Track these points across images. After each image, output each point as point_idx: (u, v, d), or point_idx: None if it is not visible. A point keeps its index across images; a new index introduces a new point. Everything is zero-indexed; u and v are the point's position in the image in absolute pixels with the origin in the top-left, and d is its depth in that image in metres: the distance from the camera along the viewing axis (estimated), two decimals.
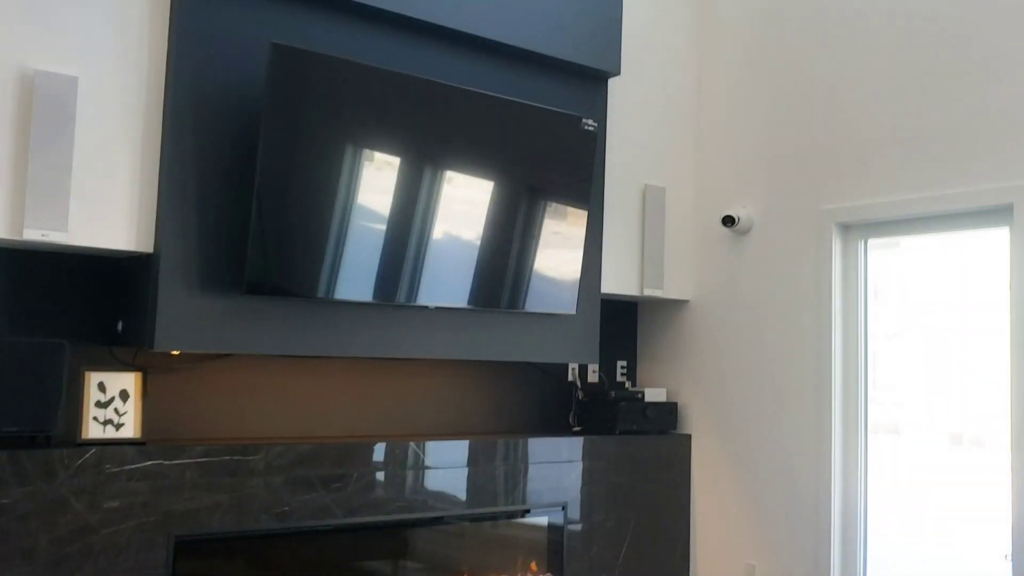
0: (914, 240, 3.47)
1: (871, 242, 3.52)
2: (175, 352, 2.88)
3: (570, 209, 3.41)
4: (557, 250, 3.39)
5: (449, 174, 3.11)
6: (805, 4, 3.72)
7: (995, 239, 3.16)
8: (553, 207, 3.37)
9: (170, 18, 2.78)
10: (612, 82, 3.76)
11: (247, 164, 2.79)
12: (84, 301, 2.89)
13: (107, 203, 2.67)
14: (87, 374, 2.76)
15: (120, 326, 2.90)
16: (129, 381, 2.82)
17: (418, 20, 3.13)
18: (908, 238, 3.46)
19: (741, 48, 3.95)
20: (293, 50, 2.76)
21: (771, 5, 3.85)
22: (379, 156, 2.96)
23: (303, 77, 2.79)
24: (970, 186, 3.13)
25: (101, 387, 2.77)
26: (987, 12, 3.13)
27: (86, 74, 2.64)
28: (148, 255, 2.76)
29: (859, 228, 3.51)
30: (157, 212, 2.74)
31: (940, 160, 3.21)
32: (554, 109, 3.34)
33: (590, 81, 3.62)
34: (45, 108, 2.56)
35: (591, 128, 3.43)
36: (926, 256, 3.54)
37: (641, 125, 3.91)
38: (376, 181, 2.96)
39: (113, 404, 2.77)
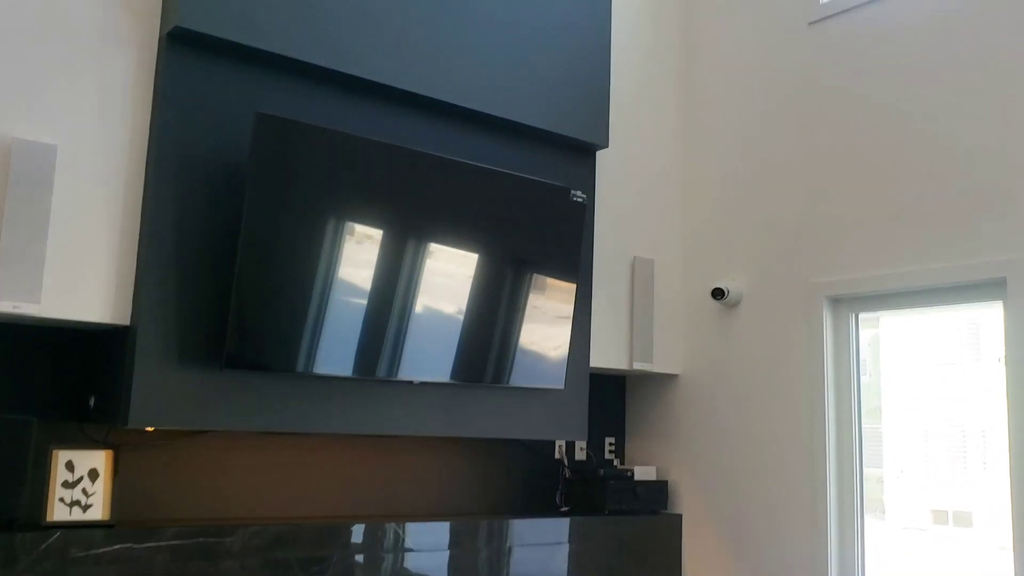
0: (899, 314, 3.42)
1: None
2: (149, 429, 2.77)
3: (558, 281, 3.35)
4: (544, 323, 3.32)
5: (434, 246, 3.05)
6: (793, 80, 3.73)
7: (986, 312, 3.12)
8: (540, 279, 3.31)
9: (154, 86, 2.74)
10: (600, 154, 3.75)
11: (228, 235, 2.73)
12: (54, 375, 2.79)
13: (83, 274, 2.59)
14: (55, 452, 2.64)
15: (92, 401, 2.79)
16: (99, 460, 2.70)
17: (405, 91, 3.11)
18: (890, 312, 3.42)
19: (728, 121, 3.96)
20: (278, 120, 2.72)
21: (759, 79, 3.86)
22: (363, 228, 2.90)
23: (288, 147, 2.74)
24: (962, 260, 3.10)
25: (69, 466, 2.65)
26: (976, 88, 3.14)
27: (66, 142, 2.59)
28: (124, 327, 2.67)
29: (850, 302, 3.47)
30: (135, 283, 2.66)
31: (931, 233, 3.19)
32: (542, 180, 3.31)
33: (578, 153, 3.60)
34: (21, 177, 2.49)
35: (580, 200, 3.40)
36: (902, 327, 3.49)
37: (629, 197, 3.89)
38: (359, 253, 2.89)
39: (81, 484, 2.65)
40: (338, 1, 2.96)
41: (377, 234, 2.93)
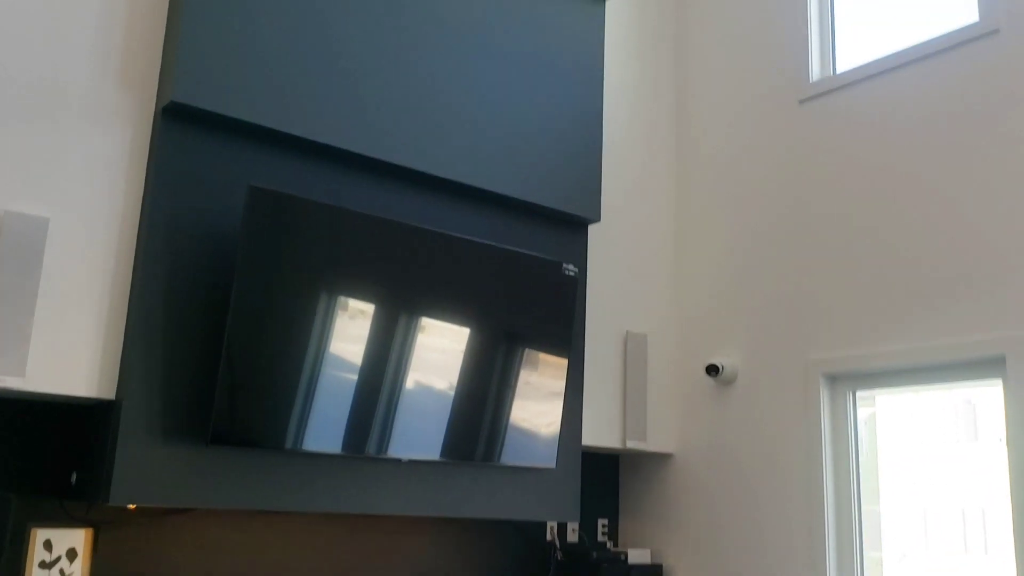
0: (896, 392, 3.39)
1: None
2: (131, 506, 2.70)
3: (550, 357, 3.32)
4: (536, 399, 3.27)
5: (425, 321, 3.03)
6: (785, 157, 3.76)
7: (985, 390, 3.09)
8: (532, 355, 3.28)
9: (148, 159, 2.74)
10: (592, 228, 3.75)
11: (217, 309, 2.71)
12: (35, 450, 2.73)
13: (70, 348, 2.55)
14: (33, 531, 2.57)
15: (74, 477, 2.73)
16: (78, 539, 2.62)
17: (397, 166, 3.12)
18: (889, 391, 3.38)
19: (722, 197, 3.98)
20: (271, 193, 2.72)
21: (752, 156, 3.89)
22: (354, 303, 2.88)
23: (280, 221, 2.74)
24: (960, 337, 3.08)
25: (47, 545, 2.57)
26: (970, 163, 3.16)
27: (58, 215, 2.58)
28: (109, 402, 2.62)
29: (847, 380, 3.44)
30: (122, 357, 2.62)
31: (928, 310, 3.18)
32: (534, 254, 3.31)
33: (570, 227, 3.61)
34: (12, 250, 2.47)
35: (572, 274, 3.39)
36: (900, 405, 3.45)
37: (622, 271, 3.88)
38: (350, 328, 2.86)
39: (59, 565, 2.57)
40: (331, 77, 2.99)
41: (368, 308, 2.91)
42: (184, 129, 2.75)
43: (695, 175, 4.12)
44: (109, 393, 2.60)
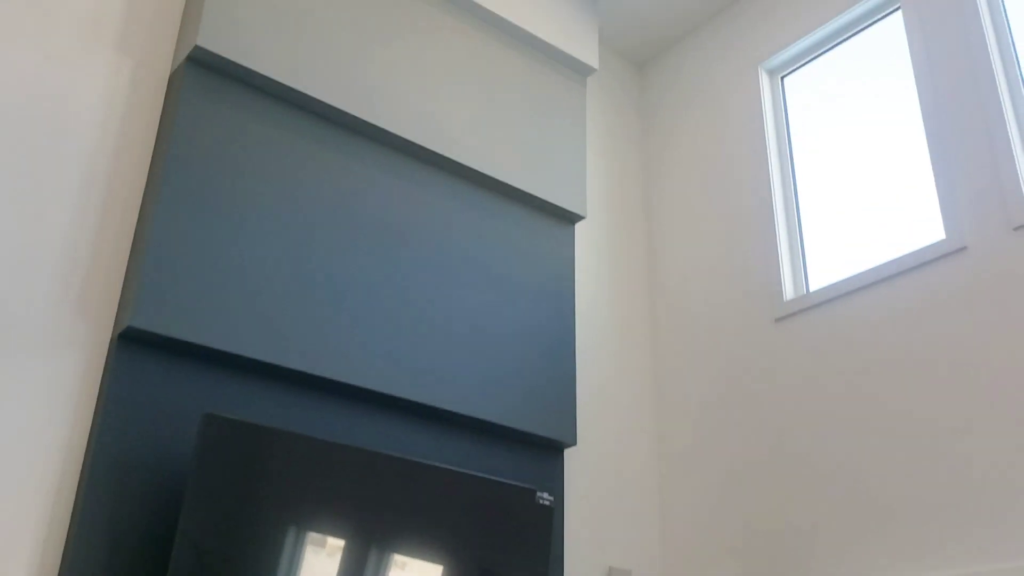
0: None
1: None
2: None
3: None
4: None
5: (395, 556, 2.82)
6: (762, 377, 3.69)
7: None
8: None
9: (100, 387, 2.65)
10: (569, 453, 3.61)
11: (165, 545, 2.52)
12: None
13: None
14: None
15: None
16: None
17: (363, 389, 3.03)
18: None
19: (701, 417, 3.86)
20: (228, 420, 2.61)
21: (729, 374, 3.82)
22: (317, 535, 2.69)
23: (237, 449, 2.60)
24: (950, 571, 2.88)
25: None
26: (949, 381, 3.08)
27: None
28: None
29: None
30: None
31: (915, 539, 2.99)
32: (506, 481, 3.14)
33: (545, 452, 3.47)
34: None
35: (546, 503, 3.21)
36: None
37: (602, 500, 3.70)
38: (315, 567, 2.66)
39: None
40: (295, 300, 2.96)
41: (335, 544, 2.72)
42: (139, 355, 2.68)
43: (673, 397, 4.02)
44: None
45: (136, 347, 2.67)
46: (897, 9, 3.73)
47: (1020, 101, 3.19)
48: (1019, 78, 3.23)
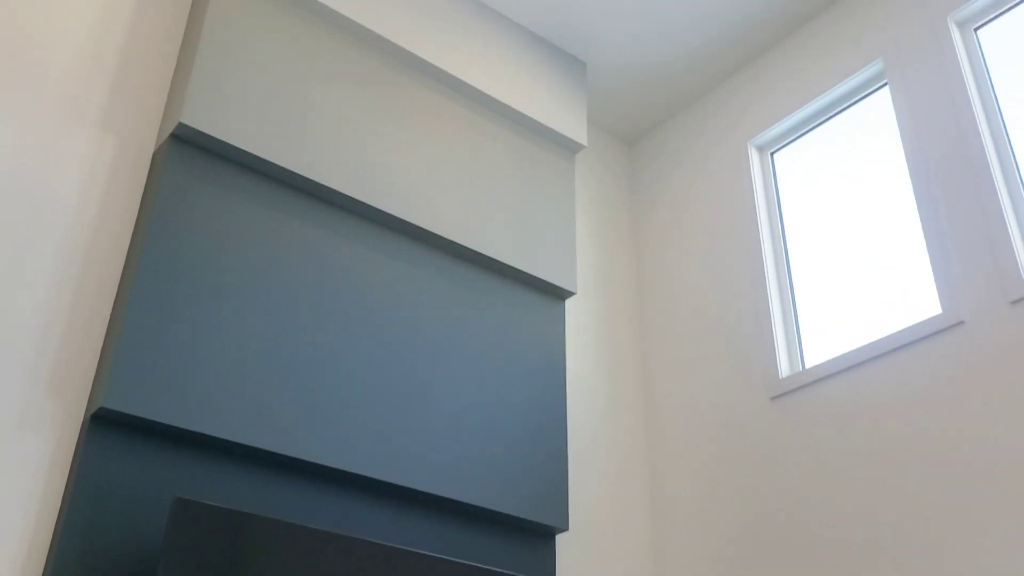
0: None
1: None
2: None
3: None
4: None
5: None
6: (761, 453, 3.58)
7: None
8: None
9: (70, 469, 2.55)
10: (561, 539, 3.48)
11: None
12: None
13: None
14: None
15: None
16: None
17: (344, 472, 2.92)
18: None
19: (697, 498, 3.74)
20: (200, 505, 2.50)
21: (725, 453, 3.71)
22: None
23: (209, 535, 2.49)
24: None
25: None
26: (948, 463, 2.98)
27: None
28: None
29: None
30: None
31: None
32: (495, 570, 3.01)
33: (537, 538, 3.33)
34: None
35: None
36: None
37: None
38: None
39: None
40: (274, 380, 2.87)
41: None
42: (112, 437, 2.58)
43: (668, 477, 3.90)
44: None
45: (108, 429, 2.58)
46: (884, 85, 3.74)
47: (1011, 173, 3.17)
48: (1009, 150, 3.21)
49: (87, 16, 3.09)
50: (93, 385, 2.65)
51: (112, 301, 2.80)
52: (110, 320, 2.76)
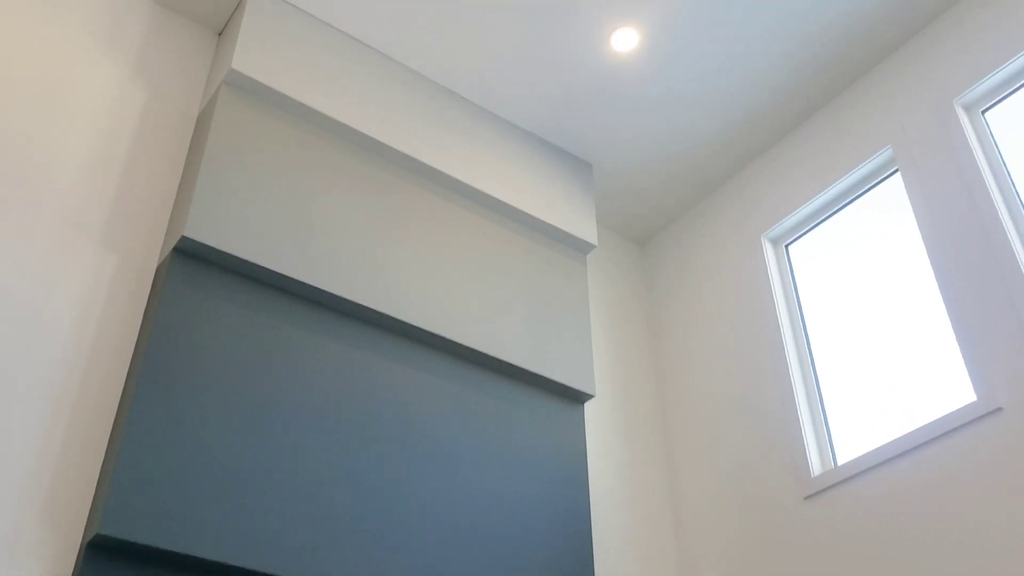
0: None
1: None
2: None
3: None
4: None
5: None
6: (795, 556, 3.38)
7: None
8: None
9: None
10: None
11: None
12: None
13: None
14: None
15: None
16: None
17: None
18: None
19: None
20: None
21: (758, 556, 3.51)
22: None
23: None
24: None
25: None
26: (985, 548, 2.79)
27: None
28: None
29: None
30: None
31: None
32: None
33: None
34: None
35: None
36: None
37: None
38: None
39: None
40: (288, 501, 2.73)
41: None
42: (108, 566, 2.44)
43: None
44: None
45: (105, 556, 2.45)
46: (895, 171, 3.69)
47: None
48: None
49: (89, 134, 3.10)
50: (90, 511, 2.54)
51: (109, 425, 2.71)
52: (108, 444, 2.66)
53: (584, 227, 4.03)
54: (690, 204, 4.57)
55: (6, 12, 3.13)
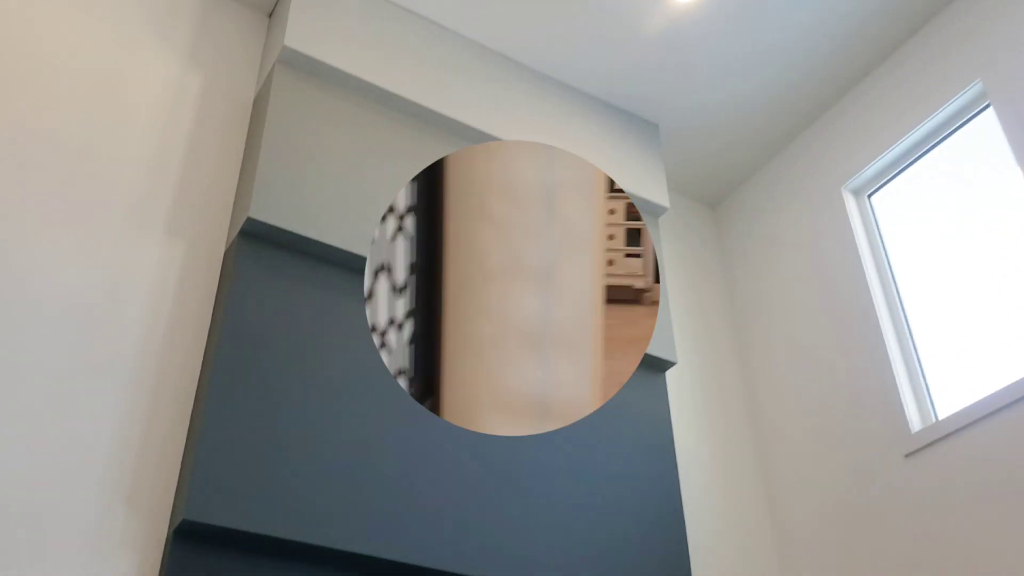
0: None
1: None
2: None
3: None
4: None
5: None
6: (893, 514, 3.22)
7: None
8: None
9: None
10: None
11: None
12: None
13: None
14: None
15: None
16: None
17: (442, 572, 2.68)
18: None
19: (827, 563, 3.38)
20: None
21: (856, 517, 3.35)
22: None
23: None
24: None
25: None
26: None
27: None
28: None
29: None
30: None
31: None
32: None
33: None
34: None
35: None
36: None
37: None
38: None
39: None
40: (370, 480, 2.67)
41: None
42: (197, 551, 2.41)
43: (797, 549, 3.54)
44: None
45: (193, 543, 2.41)
46: (987, 106, 3.47)
47: None
48: None
49: (148, 124, 3.08)
50: (175, 499, 2.51)
51: (189, 410, 2.68)
52: (188, 429, 2.63)
53: (655, 189, 3.90)
54: (762, 162, 4.40)
55: (63, 8, 3.11)
